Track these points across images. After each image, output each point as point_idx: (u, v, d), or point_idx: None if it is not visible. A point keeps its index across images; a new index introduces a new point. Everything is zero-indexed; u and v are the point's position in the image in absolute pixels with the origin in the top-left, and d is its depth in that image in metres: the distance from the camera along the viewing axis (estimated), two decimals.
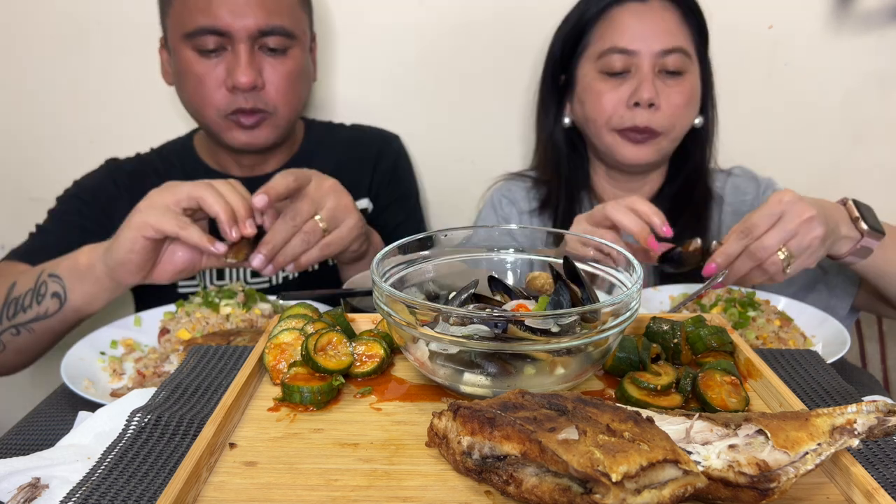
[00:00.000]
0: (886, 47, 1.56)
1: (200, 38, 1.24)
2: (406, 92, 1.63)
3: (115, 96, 1.62)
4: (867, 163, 1.66)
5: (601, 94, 1.37)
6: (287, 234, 1.07)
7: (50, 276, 1.08)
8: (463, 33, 1.58)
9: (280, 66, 1.29)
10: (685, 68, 1.34)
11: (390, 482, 0.55)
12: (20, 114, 1.62)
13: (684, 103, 1.35)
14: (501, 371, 0.64)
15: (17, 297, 1.10)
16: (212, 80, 1.27)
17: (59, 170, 1.56)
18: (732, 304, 1.07)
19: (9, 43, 1.57)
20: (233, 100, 1.27)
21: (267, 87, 1.29)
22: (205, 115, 1.31)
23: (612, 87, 1.35)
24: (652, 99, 1.32)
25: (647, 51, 1.32)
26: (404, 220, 1.53)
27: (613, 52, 1.34)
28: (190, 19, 1.24)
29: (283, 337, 0.73)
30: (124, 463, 0.59)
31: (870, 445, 0.62)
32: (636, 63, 1.33)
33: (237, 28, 1.23)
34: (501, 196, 1.53)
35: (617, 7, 1.35)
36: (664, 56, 1.32)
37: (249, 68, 1.25)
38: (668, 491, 0.47)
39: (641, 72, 1.32)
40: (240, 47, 1.24)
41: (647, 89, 1.31)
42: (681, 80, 1.34)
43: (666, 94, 1.33)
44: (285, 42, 1.29)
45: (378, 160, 1.51)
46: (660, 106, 1.33)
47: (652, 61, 1.32)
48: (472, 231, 0.94)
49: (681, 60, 1.33)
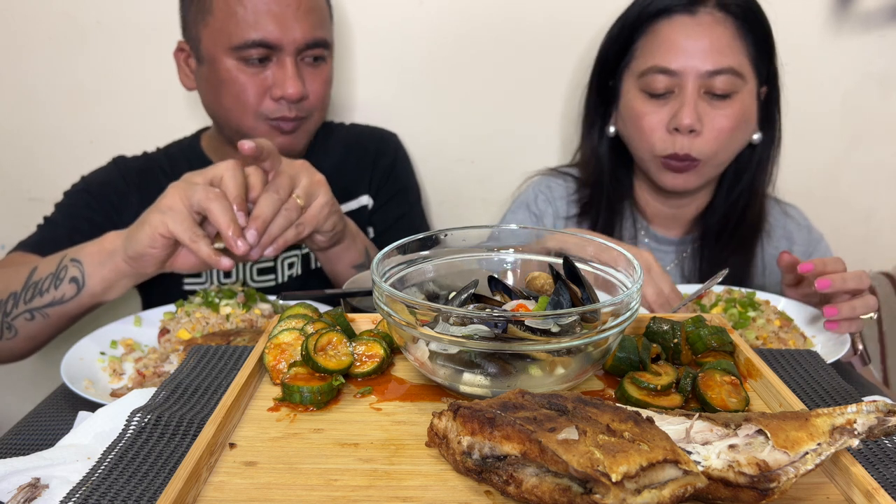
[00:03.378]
0: (886, 47, 1.56)
1: (247, 51, 1.27)
2: (406, 92, 1.63)
3: (115, 96, 1.62)
4: (867, 163, 1.66)
5: (642, 117, 1.29)
6: (275, 207, 1.06)
7: (72, 261, 1.09)
8: (463, 33, 1.58)
9: (319, 75, 1.34)
10: (735, 89, 1.24)
11: (390, 482, 0.55)
12: (20, 114, 1.62)
13: (730, 128, 1.25)
14: (501, 371, 0.64)
15: (36, 281, 1.11)
16: (255, 89, 1.30)
17: (59, 170, 1.56)
18: (732, 304, 1.07)
19: (9, 43, 1.57)
20: (276, 108, 1.31)
21: (309, 97, 1.33)
22: (243, 122, 1.33)
23: (654, 108, 1.27)
24: (692, 125, 1.23)
25: (692, 71, 1.22)
26: (405, 214, 1.54)
27: (655, 71, 1.25)
28: (238, 33, 1.26)
29: (283, 337, 0.73)
30: (124, 463, 0.59)
31: (870, 445, 0.62)
32: (680, 84, 1.24)
33: (287, 42, 1.27)
34: (538, 192, 1.47)
35: (664, 20, 1.26)
36: (711, 77, 1.22)
37: (297, 80, 1.29)
38: (668, 491, 0.47)
39: (684, 94, 1.23)
40: (286, 59, 1.28)
41: (687, 114, 1.22)
42: (729, 103, 1.24)
43: (710, 117, 1.24)
44: (324, 52, 1.33)
45: (377, 157, 1.53)
46: (702, 131, 1.24)
47: (697, 83, 1.23)
48: (475, 231, 0.94)
49: (730, 82, 1.23)
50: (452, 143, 1.66)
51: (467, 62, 1.60)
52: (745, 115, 1.27)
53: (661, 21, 1.26)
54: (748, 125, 1.29)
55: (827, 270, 1.04)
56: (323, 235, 1.17)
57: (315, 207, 1.11)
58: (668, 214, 1.43)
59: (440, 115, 1.65)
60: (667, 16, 1.26)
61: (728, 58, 1.22)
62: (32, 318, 1.12)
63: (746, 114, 1.27)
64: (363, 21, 1.58)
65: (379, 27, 1.59)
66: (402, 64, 1.61)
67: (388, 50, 1.60)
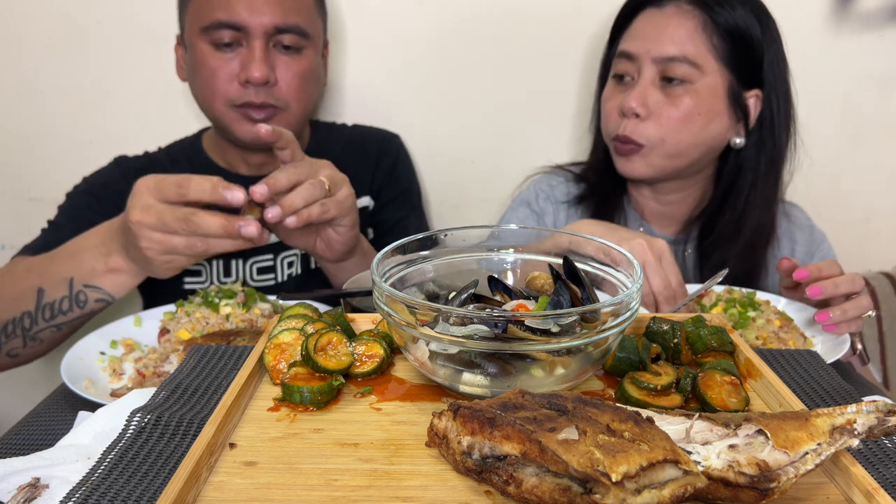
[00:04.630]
0: (886, 47, 1.56)
1: (217, 32, 1.26)
2: (406, 92, 1.63)
3: (115, 96, 1.62)
4: (867, 163, 1.66)
5: (606, 101, 1.33)
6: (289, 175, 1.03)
7: (87, 287, 1.09)
8: (464, 33, 1.58)
9: (293, 64, 1.31)
10: (689, 79, 1.24)
11: (390, 482, 0.55)
12: (20, 114, 1.62)
13: (678, 117, 1.25)
14: (501, 371, 0.64)
15: (51, 303, 1.12)
16: (224, 73, 1.29)
17: (59, 170, 1.56)
18: (732, 304, 1.07)
19: (8, 43, 1.57)
20: (244, 93, 1.29)
21: (279, 84, 1.31)
22: (214, 108, 1.32)
23: (615, 94, 1.31)
24: (635, 109, 1.25)
25: (646, 56, 1.26)
26: (406, 215, 1.54)
27: (618, 55, 1.30)
28: (208, 14, 1.26)
29: (283, 337, 0.73)
30: (124, 463, 0.59)
31: (870, 445, 0.62)
32: (638, 69, 1.28)
33: (254, 24, 1.26)
34: (539, 190, 1.48)
35: (639, 14, 1.31)
36: (665, 63, 1.25)
37: (263, 63, 1.27)
38: (668, 491, 0.47)
39: (640, 78, 1.27)
40: (255, 43, 1.27)
41: (634, 97, 1.25)
42: (681, 92, 1.25)
43: (660, 104, 1.26)
44: (300, 41, 1.31)
45: (379, 158, 1.53)
46: (647, 117, 1.26)
47: (652, 69, 1.26)
48: (475, 231, 0.94)
49: (685, 70, 1.24)
50: (452, 143, 1.66)
51: (468, 62, 1.60)
52: (700, 108, 1.26)
53: (637, 15, 1.31)
54: (704, 118, 1.27)
55: (822, 276, 1.05)
56: (340, 235, 1.15)
57: (342, 194, 1.10)
58: (662, 212, 1.43)
59: (440, 115, 1.65)
60: (641, 10, 1.30)
61: (686, 46, 1.23)
62: (60, 329, 1.14)
63: (702, 106, 1.26)
64: (363, 21, 1.58)
65: (379, 27, 1.58)
66: (403, 64, 1.61)
67: (389, 50, 1.60)
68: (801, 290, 1.11)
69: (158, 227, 1.00)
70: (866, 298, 1.04)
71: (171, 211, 0.99)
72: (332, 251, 1.19)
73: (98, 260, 1.08)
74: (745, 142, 1.32)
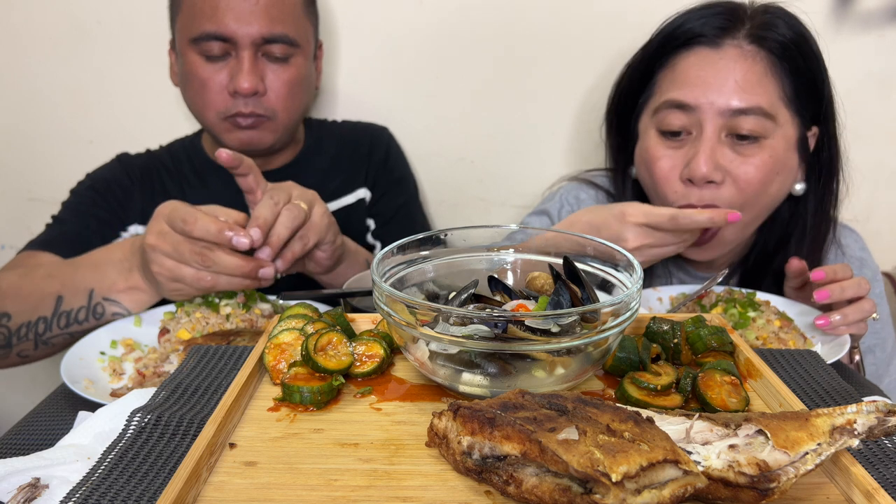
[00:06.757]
0: (886, 47, 1.56)
1: (206, 44, 1.27)
2: (406, 91, 1.63)
3: (115, 96, 1.62)
4: (867, 163, 1.66)
5: (654, 161, 1.13)
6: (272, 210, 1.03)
7: (106, 300, 1.09)
8: (463, 33, 1.58)
9: (282, 73, 1.32)
10: (764, 133, 1.07)
11: (390, 482, 0.55)
12: (20, 114, 1.63)
13: (759, 179, 1.07)
14: (501, 371, 0.64)
15: (67, 311, 1.12)
16: (215, 84, 1.29)
17: (59, 170, 1.56)
18: (732, 304, 1.07)
19: (9, 43, 1.57)
20: (233, 104, 1.30)
21: (268, 94, 1.31)
22: (206, 118, 1.34)
23: (668, 151, 1.11)
24: (708, 175, 1.06)
25: (710, 108, 1.06)
26: (405, 204, 1.55)
27: (669, 106, 1.10)
28: (196, 25, 1.27)
29: (283, 337, 0.73)
30: (124, 463, 0.59)
31: (870, 445, 0.62)
32: (698, 123, 1.08)
33: (241, 35, 1.26)
34: (564, 202, 1.34)
35: (684, 52, 1.11)
36: (734, 117, 1.06)
37: (252, 74, 1.27)
38: (668, 491, 0.47)
39: (703, 135, 1.08)
40: (243, 54, 1.27)
41: (703, 161, 1.06)
42: (757, 149, 1.07)
43: (734, 165, 1.07)
44: (288, 50, 1.31)
45: (371, 151, 1.54)
46: (723, 183, 1.08)
47: (717, 122, 1.07)
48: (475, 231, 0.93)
49: (759, 123, 1.06)
50: (452, 143, 1.66)
51: (468, 62, 1.60)
52: (778, 165, 1.09)
53: (681, 53, 1.12)
54: (782, 176, 1.11)
55: (837, 278, 1.04)
56: (325, 252, 1.15)
57: (316, 215, 1.10)
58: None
59: (440, 115, 1.65)
60: (689, 48, 1.11)
61: (758, 94, 1.06)
62: (72, 336, 1.14)
63: (779, 163, 1.09)
64: (362, 21, 1.58)
65: (378, 27, 1.58)
66: (403, 64, 1.61)
67: (388, 50, 1.60)
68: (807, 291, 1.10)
69: (172, 255, 1.00)
70: (869, 302, 1.04)
71: (188, 243, 0.99)
72: (322, 266, 1.19)
73: (119, 275, 1.09)
74: (805, 187, 1.17)
